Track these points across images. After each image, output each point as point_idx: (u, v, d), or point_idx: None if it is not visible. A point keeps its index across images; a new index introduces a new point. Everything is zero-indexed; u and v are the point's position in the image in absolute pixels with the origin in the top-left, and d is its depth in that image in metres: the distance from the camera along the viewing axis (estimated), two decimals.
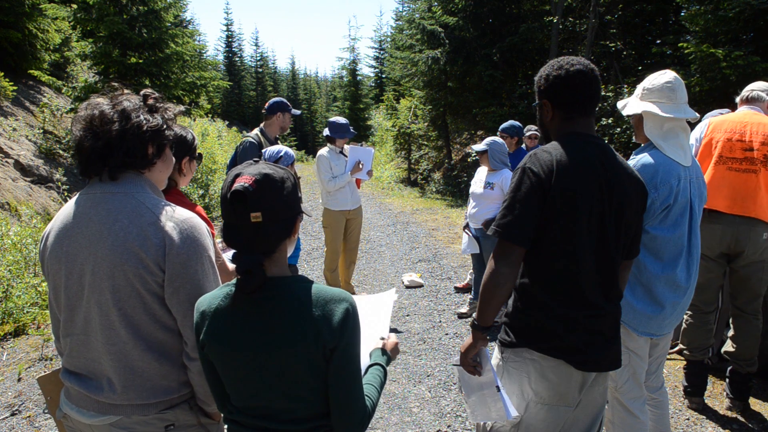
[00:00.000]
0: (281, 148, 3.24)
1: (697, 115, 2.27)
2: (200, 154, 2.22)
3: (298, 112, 4.71)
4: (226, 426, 1.81)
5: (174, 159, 1.63)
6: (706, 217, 3.03)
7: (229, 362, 1.29)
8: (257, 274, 1.23)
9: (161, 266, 1.40)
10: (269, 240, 1.27)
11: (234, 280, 1.32)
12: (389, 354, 1.58)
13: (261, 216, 1.22)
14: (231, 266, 2.14)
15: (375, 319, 1.77)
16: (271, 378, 1.27)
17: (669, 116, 2.19)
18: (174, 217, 1.45)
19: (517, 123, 5.32)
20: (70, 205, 1.48)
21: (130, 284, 1.40)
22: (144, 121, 1.46)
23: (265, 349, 1.25)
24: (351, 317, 1.28)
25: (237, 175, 1.27)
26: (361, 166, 4.86)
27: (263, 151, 3.32)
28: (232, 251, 2.50)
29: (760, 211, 3.01)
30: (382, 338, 1.63)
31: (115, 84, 1.57)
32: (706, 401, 3.35)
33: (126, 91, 1.53)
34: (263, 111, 4.41)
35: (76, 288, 1.44)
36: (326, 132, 4.91)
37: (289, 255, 1.38)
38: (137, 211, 1.42)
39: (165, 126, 1.52)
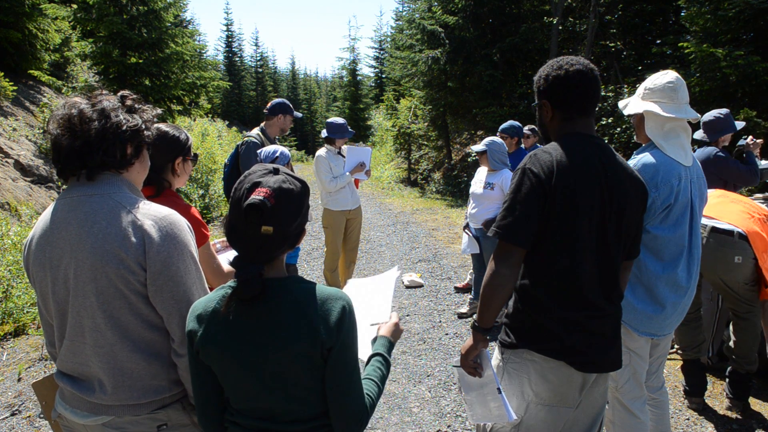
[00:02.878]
0: (277, 148, 3.23)
1: (698, 115, 2.27)
2: (196, 155, 2.20)
3: (300, 115, 4.70)
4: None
5: (150, 162, 1.62)
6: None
7: (228, 366, 1.28)
8: (256, 284, 1.23)
9: (143, 265, 1.40)
10: (273, 251, 1.28)
11: (230, 283, 1.31)
12: (390, 339, 1.56)
13: (272, 230, 1.22)
14: (227, 268, 2.13)
15: (376, 301, 1.76)
16: (270, 379, 1.27)
17: (670, 116, 2.19)
18: (152, 214, 1.44)
19: (516, 123, 5.31)
20: (49, 211, 1.47)
21: (113, 285, 1.39)
22: (123, 121, 1.45)
23: (263, 350, 1.25)
24: (347, 315, 1.28)
25: (255, 184, 1.25)
26: (362, 166, 4.87)
27: (259, 151, 3.32)
28: (230, 252, 2.49)
29: None
30: (376, 323, 1.61)
31: (96, 83, 1.56)
32: (706, 401, 3.35)
33: (104, 91, 1.52)
34: (265, 111, 4.40)
35: (63, 293, 1.44)
36: (324, 133, 4.90)
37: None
38: (115, 212, 1.41)
39: (144, 127, 1.52)
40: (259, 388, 1.28)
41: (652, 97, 2.24)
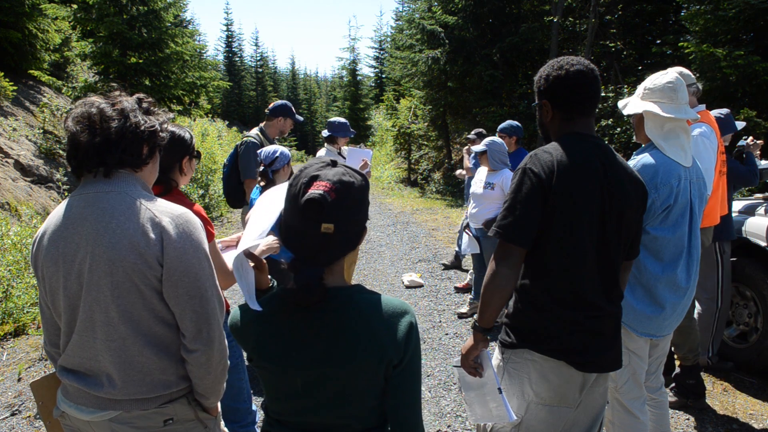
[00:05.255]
0: (277, 147, 3.23)
1: (698, 115, 2.27)
2: (198, 153, 2.23)
3: (301, 119, 4.68)
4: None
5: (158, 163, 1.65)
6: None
7: (279, 378, 1.19)
8: (317, 288, 1.13)
9: (160, 261, 1.42)
10: (335, 252, 1.18)
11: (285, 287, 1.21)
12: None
13: (333, 228, 1.12)
14: (230, 267, 2.13)
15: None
16: (325, 396, 1.18)
17: (670, 116, 2.18)
18: (169, 212, 1.47)
19: (515, 122, 5.30)
20: (62, 207, 1.49)
21: (129, 280, 1.41)
22: (142, 122, 1.50)
23: (322, 365, 1.16)
24: (414, 331, 1.20)
25: (313, 178, 1.15)
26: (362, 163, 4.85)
27: (259, 151, 3.32)
28: (230, 252, 2.49)
29: None
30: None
31: (114, 84, 1.59)
32: (705, 401, 3.35)
33: (122, 93, 1.57)
34: (266, 111, 4.41)
35: (76, 288, 1.45)
36: (326, 132, 4.89)
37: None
38: (132, 209, 1.44)
39: (160, 129, 1.57)
40: (311, 405, 1.20)
41: (652, 97, 2.24)
